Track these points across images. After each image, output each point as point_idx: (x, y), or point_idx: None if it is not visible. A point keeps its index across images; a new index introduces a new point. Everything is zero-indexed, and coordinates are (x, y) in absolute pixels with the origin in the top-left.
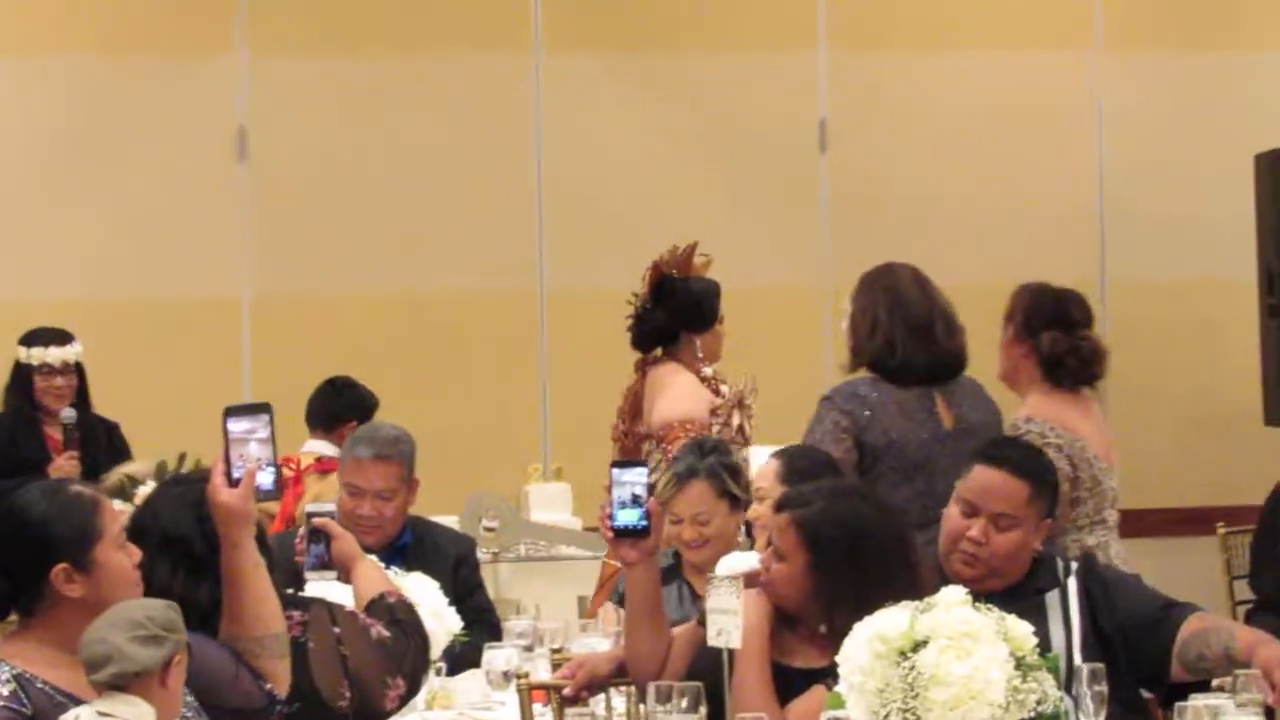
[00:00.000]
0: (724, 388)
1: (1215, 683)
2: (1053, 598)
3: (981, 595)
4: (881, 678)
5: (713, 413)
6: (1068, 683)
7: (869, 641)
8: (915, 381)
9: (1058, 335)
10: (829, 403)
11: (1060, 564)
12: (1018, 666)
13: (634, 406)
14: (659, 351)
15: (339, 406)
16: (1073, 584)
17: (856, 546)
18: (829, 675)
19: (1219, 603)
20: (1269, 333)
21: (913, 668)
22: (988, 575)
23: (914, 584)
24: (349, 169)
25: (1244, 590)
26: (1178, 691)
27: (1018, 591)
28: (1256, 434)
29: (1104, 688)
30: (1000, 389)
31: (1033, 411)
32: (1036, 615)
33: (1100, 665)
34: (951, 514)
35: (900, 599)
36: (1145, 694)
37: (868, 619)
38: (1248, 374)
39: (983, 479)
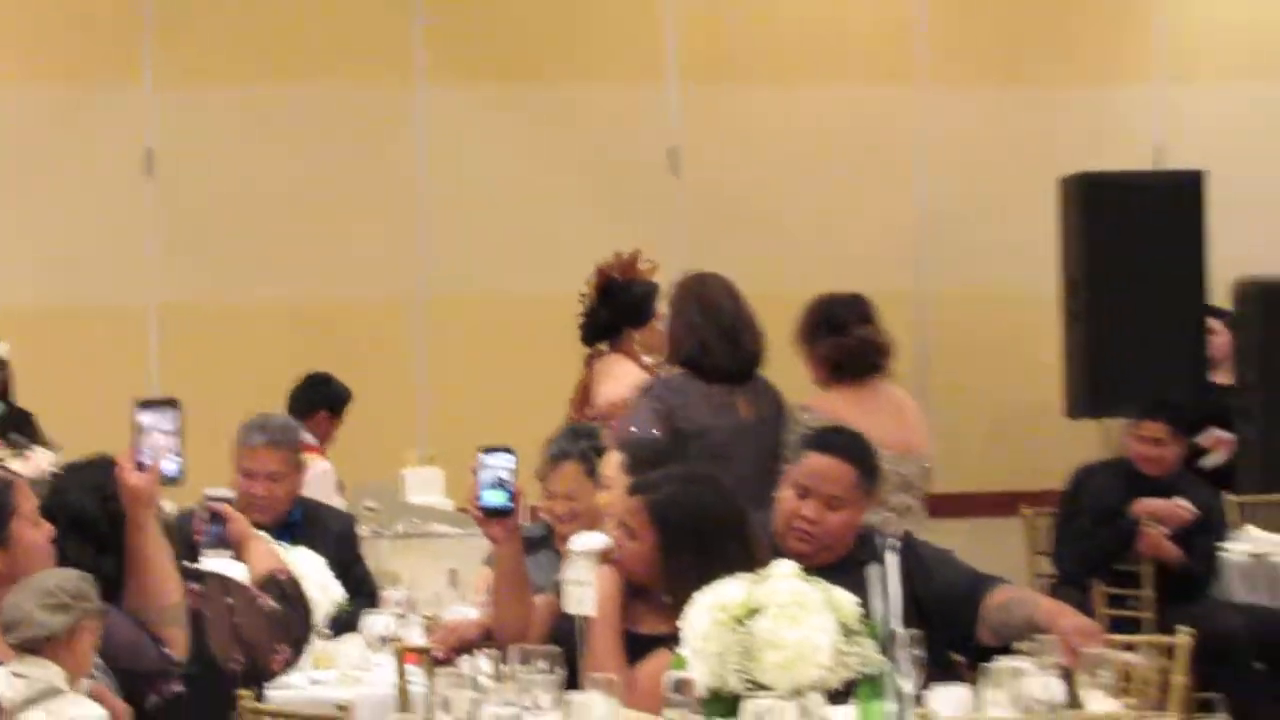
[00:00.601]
0: (661, 374)
1: (1019, 647)
2: (875, 571)
3: (811, 569)
4: (720, 642)
5: None
6: (888, 647)
7: (709, 610)
8: (721, 379)
9: (828, 340)
10: (646, 394)
11: (881, 540)
12: (843, 633)
13: (583, 396)
14: (604, 346)
15: (312, 397)
16: (893, 558)
17: (701, 528)
18: (673, 640)
19: (1023, 577)
20: (1069, 336)
21: (749, 633)
22: (820, 551)
23: (750, 559)
24: (248, 187)
25: (1045, 566)
26: (985, 655)
27: (844, 565)
28: (1057, 426)
29: (920, 652)
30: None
31: (810, 402)
32: (860, 587)
33: (917, 631)
34: (786, 496)
35: (739, 571)
36: (956, 657)
37: (708, 590)
38: (1050, 373)
39: (815, 465)
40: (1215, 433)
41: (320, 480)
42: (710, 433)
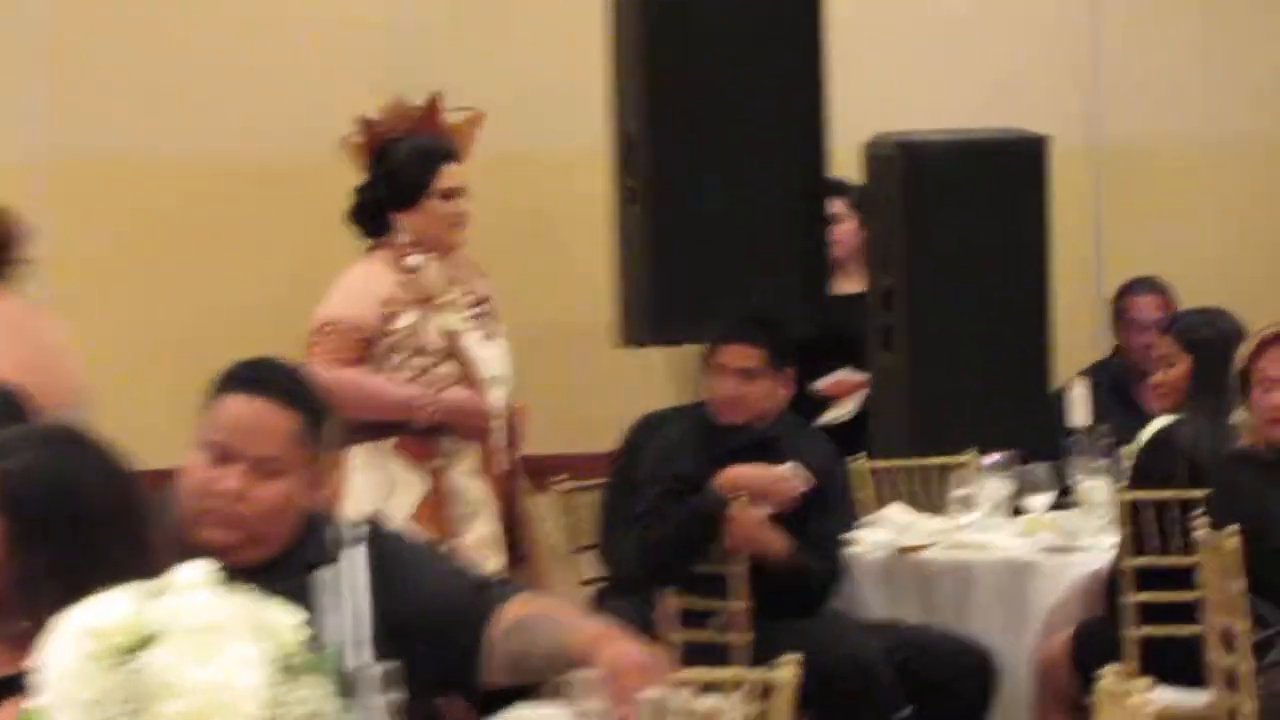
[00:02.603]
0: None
1: (547, 687)
2: (330, 575)
3: (235, 572)
4: (96, 686)
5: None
6: (351, 687)
7: (78, 638)
8: None
9: None
10: None
11: (341, 531)
12: (281, 668)
13: None
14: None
15: None
16: (358, 556)
17: (67, 513)
18: (25, 684)
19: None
20: (624, 223)
21: (137, 672)
22: (247, 543)
23: (144, 559)
24: None
25: (589, 566)
26: (499, 697)
27: (284, 566)
28: (608, 357)
29: (399, 693)
30: None
31: None
32: (309, 598)
33: (395, 664)
34: (194, 465)
35: (126, 580)
36: (452, 701)
37: (79, 607)
38: (598, 280)
39: (236, 413)
40: (844, 374)
41: None
42: None
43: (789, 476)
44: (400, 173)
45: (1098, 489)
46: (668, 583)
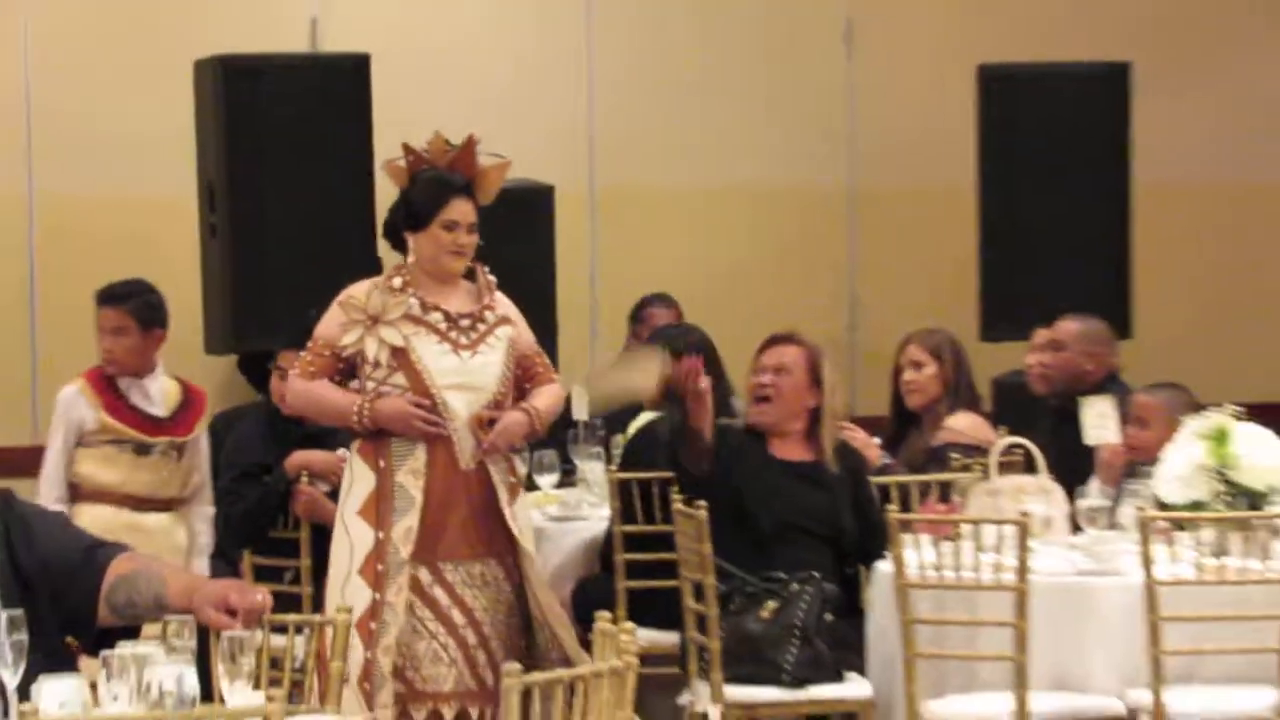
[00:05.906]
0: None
1: (148, 629)
2: None
3: None
4: None
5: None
6: None
7: None
8: None
9: None
10: None
11: None
12: None
13: None
14: None
15: None
16: None
17: None
18: None
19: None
20: (207, 255)
21: None
22: None
23: None
24: None
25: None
26: (109, 636)
27: None
28: (197, 362)
29: (24, 635)
30: None
31: None
32: None
33: (19, 611)
34: None
35: None
36: (72, 641)
37: None
38: (190, 299)
39: None
40: None
41: None
42: None
43: (344, 458)
44: (415, 199)
45: (595, 470)
46: (247, 546)
